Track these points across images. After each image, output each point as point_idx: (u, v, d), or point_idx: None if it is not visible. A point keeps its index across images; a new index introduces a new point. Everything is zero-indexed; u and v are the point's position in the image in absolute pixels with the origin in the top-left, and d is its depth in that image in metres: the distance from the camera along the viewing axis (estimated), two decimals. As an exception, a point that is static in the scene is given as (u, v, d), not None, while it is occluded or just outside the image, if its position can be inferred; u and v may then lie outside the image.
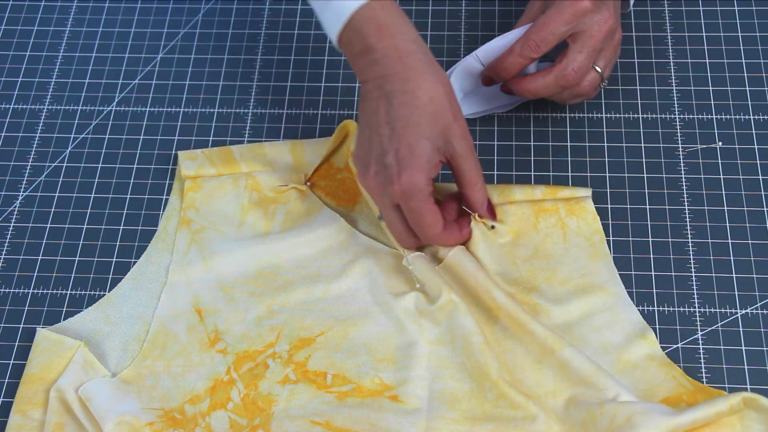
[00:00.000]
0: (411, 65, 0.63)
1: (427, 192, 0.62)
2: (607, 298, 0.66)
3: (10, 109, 0.81)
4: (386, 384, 0.64)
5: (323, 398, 0.64)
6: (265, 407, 0.64)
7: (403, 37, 0.63)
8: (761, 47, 0.79)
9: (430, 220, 0.63)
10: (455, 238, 0.67)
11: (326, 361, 0.65)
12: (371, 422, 0.62)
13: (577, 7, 0.66)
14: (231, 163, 0.75)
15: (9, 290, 0.72)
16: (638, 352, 0.64)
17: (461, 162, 0.64)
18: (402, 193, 0.62)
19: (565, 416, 0.61)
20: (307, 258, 0.70)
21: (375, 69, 0.63)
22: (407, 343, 0.65)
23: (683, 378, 0.63)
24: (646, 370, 0.63)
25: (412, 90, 0.62)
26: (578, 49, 0.68)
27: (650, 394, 0.62)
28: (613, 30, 0.68)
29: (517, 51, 0.68)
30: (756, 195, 0.72)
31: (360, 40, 0.63)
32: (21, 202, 0.76)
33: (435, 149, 0.62)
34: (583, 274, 0.68)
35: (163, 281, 0.70)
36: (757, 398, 0.59)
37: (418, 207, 0.63)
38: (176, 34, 0.85)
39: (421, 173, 0.62)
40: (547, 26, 0.67)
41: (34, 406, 0.65)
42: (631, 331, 0.65)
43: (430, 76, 0.63)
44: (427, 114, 0.62)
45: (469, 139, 0.64)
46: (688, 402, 0.61)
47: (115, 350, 0.68)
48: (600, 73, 0.70)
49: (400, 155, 0.62)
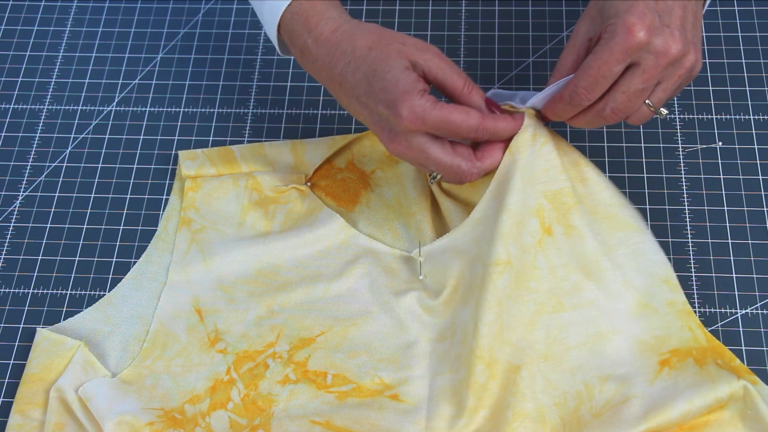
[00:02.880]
0: (339, 40, 0.63)
1: (431, 102, 0.59)
2: (633, 233, 0.64)
3: (10, 109, 0.81)
4: (387, 384, 0.64)
5: (323, 398, 0.64)
6: (265, 407, 0.64)
7: (326, 21, 0.64)
8: (761, 47, 0.79)
9: (458, 116, 0.60)
10: (505, 121, 0.62)
11: (326, 361, 0.65)
12: (371, 422, 0.62)
13: (629, 43, 0.56)
14: (231, 163, 0.75)
15: (9, 290, 0.72)
16: (659, 296, 0.63)
17: (435, 72, 0.61)
18: (411, 121, 0.59)
19: (558, 382, 0.62)
20: (307, 258, 0.70)
21: (318, 66, 0.64)
22: (408, 342, 0.65)
23: (699, 329, 0.62)
24: (663, 317, 0.63)
25: (351, 56, 0.62)
26: (623, 89, 0.58)
27: (661, 342, 0.62)
28: (677, 58, 0.57)
29: (567, 99, 0.60)
30: (756, 195, 0.72)
31: (296, 39, 0.64)
32: (21, 202, 0.76)
33: (404, 71, 0.60)
34: (610, 204, 0.64)
35: (163, 281, 0.70)
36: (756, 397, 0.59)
37: (436, 116, 0.59)
38: (176, 34, 0.85)
39: (409, 94, 0.59)
40: (596, 69, 0.57)
41: (34, 406, 0.65)
42: (654, 273, 0.63)
43: (358, 34, 0.62)
44: (375, 59, 0.61)
45: (433, 50, 0.62)
46: (696, 359, 0.61)
47: (115, 350, 0.68)
48: (653, 109, 0.61)
49: (384, 101, 0.60)
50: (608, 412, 0.60)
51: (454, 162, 0.62)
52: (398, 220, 0.71)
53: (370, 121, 0.63)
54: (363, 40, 0.62)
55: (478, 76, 0.79)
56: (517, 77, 0.79)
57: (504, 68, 0.80)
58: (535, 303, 0.63)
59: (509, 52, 0.81)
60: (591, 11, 0.60)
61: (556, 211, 0.63)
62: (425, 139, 0.61)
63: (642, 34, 0.56)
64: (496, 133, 0.62)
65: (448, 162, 0.62)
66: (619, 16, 0.56)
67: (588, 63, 0.58)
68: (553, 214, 0.63)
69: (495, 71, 0.80)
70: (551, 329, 0.63)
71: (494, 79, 0.79)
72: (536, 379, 0.62)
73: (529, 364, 0.62)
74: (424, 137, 0.61)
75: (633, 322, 0.63)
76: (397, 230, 0.71)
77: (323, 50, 0.63)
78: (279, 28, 0.66)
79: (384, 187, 0.73)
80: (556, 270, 0.63)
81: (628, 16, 0.56)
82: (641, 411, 0.59)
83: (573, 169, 0.65)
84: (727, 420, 0.59)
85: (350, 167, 0.74)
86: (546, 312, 0.63)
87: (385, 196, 0.73)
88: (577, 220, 0.63)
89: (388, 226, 0.72)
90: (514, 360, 0.63)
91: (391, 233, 0.71)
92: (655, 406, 0.59)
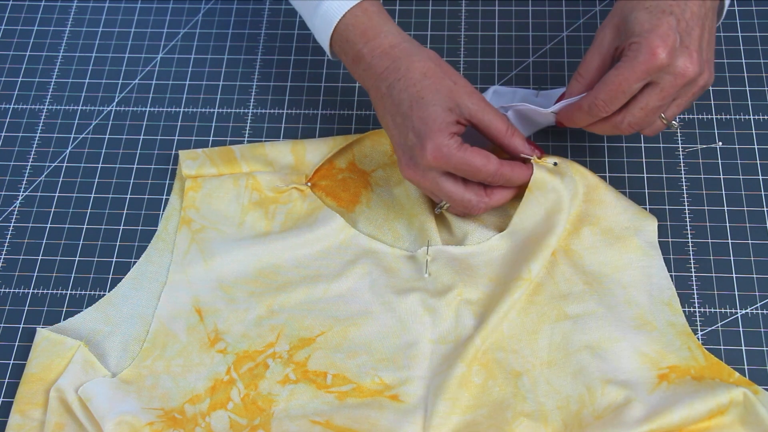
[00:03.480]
0: (397, 56, 0.65)
1: (457, 144, 0.63)
2: (642, 257, 0.67)
3: (10, 109, 0.81)
4: (387, 384, 0.64)
5: (323, 398, 0.64)
6: (265, 407, 0.64)
7: (385, 35, 0.66)
8: (761, 47, 0.79)
9: (479, 161, 0.63)
10: (521, 170, 0.66)
11: (326, 361, 0.65)
12: (371, 421, 0.62)
13: (651, 63, 0.59)
14: (232, 163, 0.75)
15: (9, 290, 0.72)
16: (661, 317, 0.65)
17: (480, 116, 0.64)
18: (435, 158, 0.62)
19: (561, 387, 0.62)
20: (307, 258, 0.70)
21: (369, 74, 0.66)
22: (408, 342, 0.65)
23: (698, 350, 0.63)
24: (663, 335, 0.64)
25: (404, 75, 0.64)
26: (641, 105, 0.61)
27: (660, 357, 0.63)
28: (692, 78, 0.60)
29: (585, 109, 0.63)
30: (756, 195, 0.72)
31: (350, 48, 0.67)
32: (21, 202, 0.76)
33: (446, 110, 0.63)
34: (626, 227, 0.68)
35: (163, 281, 0.70)
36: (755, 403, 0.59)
37: (459, 158, 0.62)
38: (176, 34, 0.85)
39: (441, 133, 0.62)
40: (617, 85, 0.60)
41: (34, 406, 0.65)
42: (658, 296, 0.66)
43: (416, 56, 0.65)
44: (425, 87, 0.63)
45: (478, 95, 0.64)
46: (695, 377, 0.62)
47: (115, 350, 0.68)
48: (666, 122, 0.64)
49: (416, 130, 0.63)
50: (610, 414, 0.60)
51: (465, 196, 0.66)
52: (399, 220, 0.72)
53: (396, 141, 0.65)
54: (420, 64, 0.64)
55: (478, 76, 0.79)
56: (517, 77, 0.79)
57: (504, 68, 0.80)
58: (539, 314, 0.65)
59: (509, 52, 0.81)
60: (615, 18, 0.63)
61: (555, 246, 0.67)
62: (440, 174, 0.64)
63: (664, 56, 0.58)
64: (511, 179, 0.65)
65: (459, 196, 0.65)
66: (644, 35, 0.59)
67: (609, 78, 0.60)
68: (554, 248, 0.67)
69: (495, 71, 0.80)
70: (554, 337, 0.64)
71: (494, 79, 0.79)
72: (539, 384, 0.63)
73: (531, 371, 0.63)
74: (440, 173, 0.64)
75: (634, 333, 0.64)
76: (397, 230, 0.71)
77: (378, 61, 0.65)
78: (333, 36, 0.67)
79: (384, 187, 0.73)
80: (559, 284, 0.66)
81: (653, 37, 0.59)
82: (643, 414, 0.59)
83: (592, 192, 0.69)
84: (728, 424, 0.59)
85: (351, 167, 0.74)
86: (549, 321, 0.65)
87: (385, 196, 0.73)
88: (577, 245, 0.67)
89: (389, 226, 0.72)
90: (516, 366, 0.64)
91: (391, 233, 0.71)
92: (656, 410, 0.59)
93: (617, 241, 0.68)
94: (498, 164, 0.64)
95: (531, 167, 0.67)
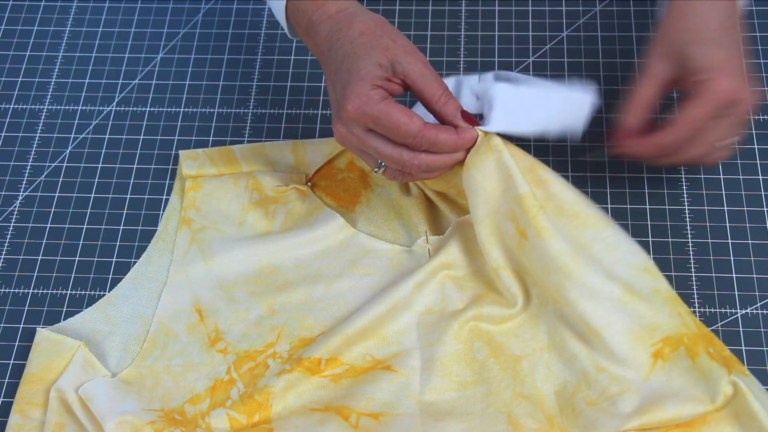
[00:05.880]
0: (341, 19, 0.62)
1: (379, 96, 0.58)
2: (603, 228, 0.64)
3: (10, 109, 0.81)
4: (378, 359, 0.64)
5: (318, 383, 0.64)
6: (263, 401, 0.63)
7: (334, 1, 0.63)
8: (761, 47, 0.79)
9: (401, 117, 0.58)
10: (448, 135, 0.60)
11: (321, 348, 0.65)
12: (368, 396, 0.62)
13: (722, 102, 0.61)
14: (232, 163, 0.75)
15: (9, 290, 0.72)
16: (643, 284, 0.63)
17: (414, 77, 0.60)
18: (354, 108, 0.58)
19: (560, 372, 0.63)
20: (308, 258, 0.70)
21: (317, 41, 0.63)
22: (395, 318, 0.66)
23: (688, 316, 0.62)
24: (651, 303, 0.62)
25: (344, 35, 0.61)
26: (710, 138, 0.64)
27: (651, 331, 0.62)
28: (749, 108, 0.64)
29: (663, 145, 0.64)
30: (756, 195, 0.72)
31: (302, 17, 0.64)
32: (21, 202, 0.76)
33: (375, 65, 0.59)
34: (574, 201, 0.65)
35: (163, 281, 0.70)
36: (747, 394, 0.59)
37: (379, 110, 0.58)
38: (176, 34, 0.85)
39: (363, 82, 0.58)
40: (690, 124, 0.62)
41: (34, 406, 0.65)
42: (633, 263, 0.63)
43: (358, 17, 0.62)
44: (360, 44, 0.60)
45: (420, 57, 0.60)
46: (688, 346, 0.61)
47: (115, 350, 0.68)
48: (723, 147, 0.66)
49: (342, 81, 0.59)
50: (603, 403, 0.60)
51: (395, 152, 0.60)
52: (398, 219, 0.72)
53: (331, 100, 0.62)
54: (360, 24, 0.61)
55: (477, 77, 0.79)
56: (517, 77, 0.79)
57: (504, 68, 0.80)
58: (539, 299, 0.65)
59: (509, 52, 0.81)
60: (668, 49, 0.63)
61: (526, 215, 0.62)
62: (364, 129, 0.60)
63: (734, 95, 0.61)
64: (436, 143, 0.59)
65: (389, 151, 0.60)
66: (713, 72, 0.61)
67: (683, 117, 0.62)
68: (524, 218, 0.62)
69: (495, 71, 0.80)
70: (553, 322, 0.64)
71: (494, 79, 0.79)
72: (537, 368, 0.63)
73: (531, 355, 0.64)
74: (364, 128, 0.60)
75: (621, 313, 0.62)
76: (397, 229, 0.71)
77: (324, 26, 0.63)
78: (287, 8, 0.65)
79: (384, 187, 0.73)
80: (536, 271, 0.63)
81: (723, 78, 0.61)
82: (634, 406, 0.59)
83: (529, 174, 0.64)
84: (723, 417, 0.59)
85: (350, 167, 0.74)
86: (548, 306, 0.64)
87: (385, 196, 0.73)
88: (546, 222, 0.62)
89: (388, 225, 0.72)
90: (516, 350, 0.64)
91: (391, 233, 0.71)
92: (649, 403, 0.59)
93: (572, 218, 0.64)
94: (422, 125, 0.58)
95: (460, 135, 0.61)
